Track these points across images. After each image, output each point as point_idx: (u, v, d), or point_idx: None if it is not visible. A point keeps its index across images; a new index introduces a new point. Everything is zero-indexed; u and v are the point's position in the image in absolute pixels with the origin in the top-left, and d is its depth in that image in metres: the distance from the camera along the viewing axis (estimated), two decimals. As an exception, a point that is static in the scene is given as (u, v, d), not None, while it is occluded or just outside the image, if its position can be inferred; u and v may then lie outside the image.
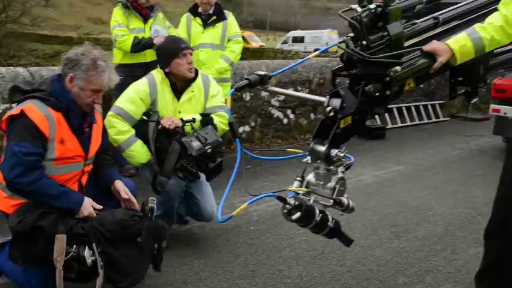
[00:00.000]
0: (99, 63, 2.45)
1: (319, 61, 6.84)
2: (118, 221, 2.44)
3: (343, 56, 2.15)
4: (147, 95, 3.16)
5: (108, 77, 2.49)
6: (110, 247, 2.40)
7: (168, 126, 3.06)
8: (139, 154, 3.13)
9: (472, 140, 7.05)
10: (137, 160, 3.16)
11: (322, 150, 2.05)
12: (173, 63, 3.18)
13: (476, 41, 2.19)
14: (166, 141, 3.07)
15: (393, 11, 2.12)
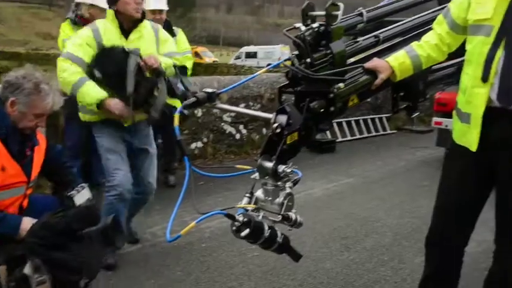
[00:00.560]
0: (42, 86, 2.38)
1: (270, 77, 6.94)
2: (42, 225, 2.34)
3: (288, 73, 2.20)
4: (91, 39, 3.17)
5: (52, 100, 2.43)
6: (50, 252, 2.30)
7: (151, 64, 3.10)
8: (91, 93, 3.05)
9: (417, 151, 7.33)
10: (89, 100, 3.06)
11: (269, 166, 2.07)
12: (120, 1, 3.19)
13: (414, 58, 2.30)
14: (142, 78, 3.12)
15: (335, 30, 2.19)
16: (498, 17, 2.06)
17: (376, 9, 2.62)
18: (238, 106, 6.58)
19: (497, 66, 2.05)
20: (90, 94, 3.06)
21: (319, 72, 2.11)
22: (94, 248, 2.48)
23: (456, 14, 2.26)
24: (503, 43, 2.04)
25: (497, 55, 2.04)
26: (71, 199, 2.51)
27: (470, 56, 2.18)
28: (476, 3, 2.14)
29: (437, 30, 2.34)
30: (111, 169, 3.20)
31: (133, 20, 3.26)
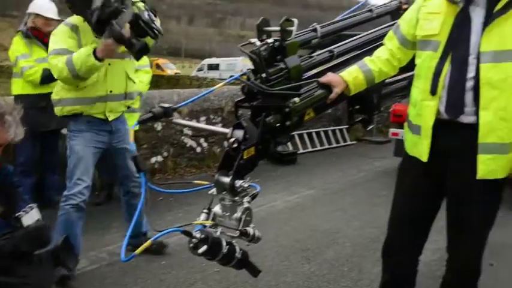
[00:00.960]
0: (6, 118, 2.29)
1: (231, 89, 6.95)
2: None
3: (244, 88, 2.21)
4: (70, 31, 3.16)
5: (14, 132, 2.34)
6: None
7: None
8: (82, 53, 2.99)
9: (376, 161, 7.48)
10: (84, 57, 2.97)
11: (226, 181, 2.08)
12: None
13: (366, 73, 2.36)
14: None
15: (290, 45, 2.22)
16: (444, 33, 2.14)
17: (330, 25, 2.68)
18: (199, 119, 6.55)
19: (444, 80, 2.12)
20: (81, 54, 3.00)
21: (275, 87, 2.13)
22: (44, 270, 2.40)
23: (405, 30, 2.33)
24: (449, 58, 2.11)
25: (445, 69, 2.12)
26: (18, 220, 2.42)
27: (419, 71, 2.26)
28: (424, 20, 2.22)
29: (388, 45, 2.41)
30: (75, 177, 3.14)
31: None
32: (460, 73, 2.09)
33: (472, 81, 2.07)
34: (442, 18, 2.16)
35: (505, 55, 2.03)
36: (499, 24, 2.03)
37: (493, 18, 2.04)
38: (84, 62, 2.98)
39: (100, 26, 2.90)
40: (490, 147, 2.07)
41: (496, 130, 2.06)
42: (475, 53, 2.06)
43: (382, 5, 3.18)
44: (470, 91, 2.08)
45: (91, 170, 3.24)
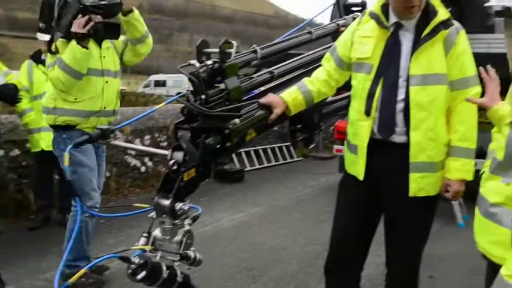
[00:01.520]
0: None
1: (176, 107, 6.89)
2: None
3: (184, 109, 2.19)
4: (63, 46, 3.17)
5: None
6: None
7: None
8: (68, 49, 3.05)
9: (321, 177, 7.61)
10: (72, 47, 3.04)
11: (166, 204, 2.04)
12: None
13: (305, 93, 2.41)
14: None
15: (230, 67, 2.23)
16: (377, 57, 2.23)
17: (270, 46, 2.72)
18: (144, 138, 6.44)
19: (377, 102, 2.21)
20: (67, 48, 3.06)
21: (215, 108, 2.13)
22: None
23: (341, 52, 2.41)
24: (381, 80, 2.20)
25: (377, 91, 2.21)
26: None
27: (355, 92, 2.34)
28: (358, 43, 2.31)
29: (325, 66, 2.48)
30: (89, 189, 3.22)
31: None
32: (391, 95, 2.18)
33: (402, 103, 2.16)
34: (374, 42, 2.25)
35: (433, 78, 2.14)
36: (426, 48, 2.15)
37: (421, 43, 2.15)
38: (73, 53, 3.05)
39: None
40: (421, 166, 2.17)
41: (425, 150, 2.16)
42: (405, 76, 2.16)
43: (321, 27, 3.28)
44: (400, 112, 2.17)
45: (96, 176, 3.36)
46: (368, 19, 2.33)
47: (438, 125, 2.18)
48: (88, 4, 2.99)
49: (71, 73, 3.10)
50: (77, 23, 2.98)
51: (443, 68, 2.16)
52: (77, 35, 3.00)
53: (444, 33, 2.17)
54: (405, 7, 2.17)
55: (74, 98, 3.20)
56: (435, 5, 2.23)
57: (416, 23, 2.22)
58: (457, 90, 2.20)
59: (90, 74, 3.21)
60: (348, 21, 3.30)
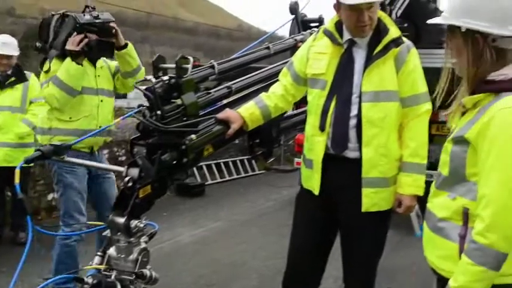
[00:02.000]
0: None
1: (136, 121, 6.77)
2: None
3: (139, 125, 2.17)
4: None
5: None
6: None
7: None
8: (62, 66, 3.07)
9: (283, 190, 7.65)
10: (66, 65, 3.06)
11: (121, 222, 2.00)
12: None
13: (262, 108, 2.42)
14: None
15: (186, 82, 2.22)
16: (331, 73, 2.28)
17: (228, 62, 2.73)
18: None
19: (331, 117, 2.25)
20: (62, 65, 3.07)
21: (171, 124, 2.11)
22: None
23: (298, 68, 2.45)
24: (335, 96, 2.25)
25: (331, 107, 2.25)
26: None
27: (310, 107, 2.37)
28: (313, 59, 2.35)
29: (282, 81, 2.51)
30: (74, 211, 3.20)
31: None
32: (344, 111, 2.23)
33: (355, 119, 2.21)
34: (328, 59, 2.30)
35: (384, 95, 2.20)
36: (378, 66, 2.21)
37: (373, 60, 2.21)
38: (68, 70, 3.07)
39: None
40: (373, 182, 2.21)
41: (377, 165, 2.20)
42: (358, 93, 2.22)
43: (279, 42, 3.32)
44: (353, 128, 2.22)
45: (85, 200, 3.32)
46: (322, 36, 2.38)
47: (390, 141, 2.23)
48: (83, 22, 3.05)
49: (65, 89, 3.11)
50: (71, 40, 3.04)
51: (394, 85, 2.23)
52: (71, 52, 3.05)
53: (395, 51, 2.24)
54: (357, 25, 2.23)
55: (69, 117, 3.20)
56: (387, 23, 2.30)
57: (368, 41, 2.28)
58: (408, 106, 2.26)
59: (85, 93, 3.22)
60: (305, 37, 3.35)
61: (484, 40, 1.44)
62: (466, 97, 1.48)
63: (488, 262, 1.36)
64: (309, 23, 4.04)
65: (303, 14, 4.27)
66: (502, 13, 1.41)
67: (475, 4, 1.45)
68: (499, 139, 1.36)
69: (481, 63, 1.45)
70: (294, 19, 4.96)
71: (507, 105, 1.38)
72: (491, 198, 1.37)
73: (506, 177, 1.35)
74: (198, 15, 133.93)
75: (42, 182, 5.46)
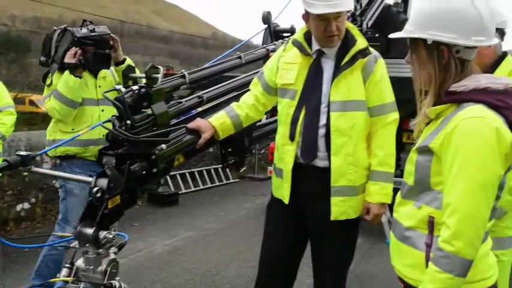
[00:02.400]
0: None
1: (108, 130, 6.69)
2: None
3: (108, 135, 2.15)
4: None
5: None
6: None
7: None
8: (62, 79, 3.18)
9: (256, 199, 7.65)
10: (66, 78, 3.18)
11: (90, 233, 1.97)
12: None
13: (233, 118, 2.43)
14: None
15: (156, 92, 2.22)
16: (300, 83, 2.31)
17: (199, 71, 2.73)
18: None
19: (301, 127, 2.28)
20: (62, 79, 3.19)
21: (141, 134, 2.10)
22: None
23: (268, 77, 2.47)
24: (304, 106, 2.28)
25: (301, 117, 2.28)
26: None
27: (280, 117, 2.40)
28: (283, 69, 2.38)
29: (253, 91, 2.53)
30: (73, 218, 3.15)
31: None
32: (313, 121, 2.26)
33: (324, 128, 2.24)
34: (297, 69, 2.33)
35: (352, 105, 2.24)
36: (345, 76, 2.25)
37: (341, 70, 2.25)
38: (66, 82, 3.17)
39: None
40: (342, 190, 2.24)
41: (346, 174, 2.24)
42: (326, 102, 2.25)
43: (251, 52, 3.34)
44: (322, 138, 2.25)
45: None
46: (292, 46, 2.41)
47: (358, 150, 2.27)
48: (79, 36, 3.20)
49: (65, 102, 3.21)
50: (69, 54, 3.17)
51: (362, 95, 2.27)
52: (69, 65, 3.18)
53: (362, 61, 2.28)
54: (325, 35, 2.26)
55: (71, 128, 3.29)
56: (354, 34, 2.35)
57: (337, 51, 2.32)
58: (376, 116, 2.31)
59: (85, 104, 3.31)
60: (277, 47, 3.38)
61: (449, 51, 1.47)
62: (430, 108, 1.52)
63: (455, 269, 1.38)
64: (281, 33, 4.08)
65: (275, 24, 4.32)
66: (467, 24, 1.45)
67: (440, 16, 1.48)
68: (462, 148, 1.39)
69: (446, 75, 1.49)
70: (268, 28, 5.01)
71: (469, 115, 1.42)
72: (456, 206, 1.39)
73: (470, 186, 1.38)
74: (174, 24, 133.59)
75: (10, 192, 5.34)
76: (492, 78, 1.48)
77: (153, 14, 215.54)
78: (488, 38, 1.46)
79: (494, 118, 1.40)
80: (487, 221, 1.42)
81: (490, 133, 1.37)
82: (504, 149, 1.39)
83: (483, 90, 1.44)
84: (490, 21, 1.46)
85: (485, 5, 1.46)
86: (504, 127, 1.40)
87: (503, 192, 1.49)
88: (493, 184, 1.39)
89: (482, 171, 1.38)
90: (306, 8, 2.29)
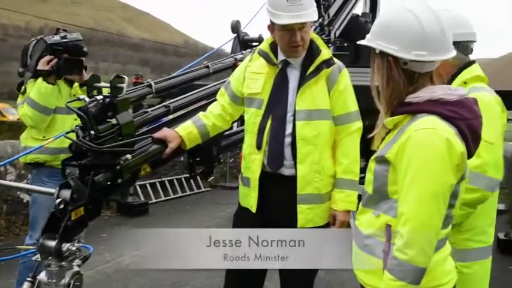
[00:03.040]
0: None
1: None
2: None
3: (71, 146, 2.12)
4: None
5: None
6: None
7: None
8: (35, 86, 3.20)
9: (228, 208, 7.63)
10: (38, 85, 3.20)
11: (52, 245, 1.94)
12: None
13: (200, 127, 2.43)
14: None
15: (121, 102, 2.19)
16: (266, 92, 2.34)
17: (166, 80, 2.73)
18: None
19: (267, 136, 2.30)
20: (35, 86, 3.20)
21: (106, 144, 2.08)
22: None
23: (235, 87, 2.49)
24: (271, 115, 2.30)
25: (267, 126, 2.30)
26: None
27: (247, 126, 2.41)
28: (249, 79, 2.40)
29: (220, 101, 2.54)
30: (38, 228, 3.08)
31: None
32: (280, 129, 2.28)
33: (290, 137, 2.27)
34: (264, 78, 2.35)
35: (317, 113, 2.28)
36: (310, 85, 2.29)
37: (306, 80, 2.29)
38: (39, 89, 3.19)
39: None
40: (308, 198, 2.27)
41: (312, 182, 2.27)
42: (292, 111, 2.28)
43: (219, 61, 3.35)
44: (288, 146, 2.28)
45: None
46: (258, 56, 2.44)
47: (323, 158, 2.30)
48: (51, 43, 3.24)
49: (38, 108, 3.23)
50: (42, 61, 3.21)
51: (326, 104, 2.31)
52: (42, 72, 3.21)
53: (327, 71, 2.33)
54: (289, 45, 2.30)
55: (43, 136, 3.30)
56: (319, 44, 2.39)
57: (302, 61, 2.36)
58: (340, 125, 2.35)
59: (57, 113, 3.32)
60: (245, 56, 3.41)
61: (395, 62, 1.52)
62: (388, 118, 1.56)
63: (408, 277, 1.41)
64: (250, 42, 4.11)
65: (244, 33, 4.35)
66: (408, 38, 1.48)
67: (388, 27, 1.53)
68: (414, 159, 1.43)
69: (394, 86, 1.53)
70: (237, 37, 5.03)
71: (421, 126, 1.45)
72: (408, 215, 1.43)
73: (422, 196, 1.42)
74: (145, 32, 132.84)
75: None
76: (447, 90, 1.51)
77: (124, 22, 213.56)
78: (431, 52, 1.48)
79: (445, 129, 1.44)
80: (439, 229, 1.45)
81: (441, 144, 1.41)
82: (455, 160, 1.42)
83: (437, 101, 1.48)
84: (436, 36, 1.48)
85: (434, 20, 1.48)
86: (455, 138, 1.44)
87: (457, 202, 1.53)
88: (444, 194, 1.43)
89: (434, 182, 1.41)
90: (271, 19, 2.32)
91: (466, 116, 1.48)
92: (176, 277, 4.40)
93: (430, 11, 1.50)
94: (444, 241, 1.54)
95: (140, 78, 7.36)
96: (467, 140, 1.48)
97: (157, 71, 42.03)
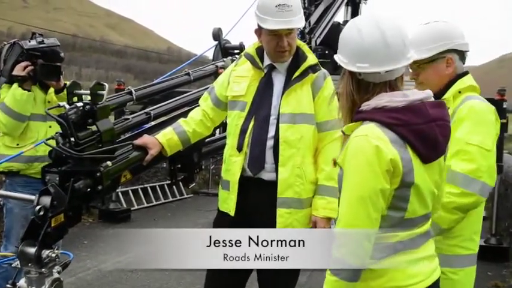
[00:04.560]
0: None
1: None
2: None
3: (51, 153, 2.13)
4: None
5: None
6: None
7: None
8: (10, 92, 3.10)
9: (211, 214, 7.59)
10: (14, 91, 3.09)
11: (32, 252, 1.94)
12: None
13: (180, 134, 2.45)
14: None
15: (102, 109, 2.21)
16: (250, 95, 2.37)
17: (147, 88, 2.75)
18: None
19: (249, 138, 2.33)
20: (10, 92, 3.09)
21: (86, 151, 2.09)
22: None
23: (219, 92, 2.51)
24: (254, 117, 2.34)
25: (249, 128, 2.34)
26: None
27: (230, 129, 2.44)
28: (234, 82, 2.44)
29: (202, 106, 2.56)
30: (15, 240, 2.98)
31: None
32: (262, 132, 2.32)
33: (272, 140, 2.31)
34: (248, 81, 2.39)
35: (300, 117, 2.32)
36: (295, 89, 2.33)
37: (291, 84, 2.33)
38: (14, 95, 3.09)
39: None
40: (288, 202, 2.29)
41: (293, 186, 2.29)
42: (276, 114, 2.32)
43: (200, 68, 3.39)
44: (270, 149, 2.31)
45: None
46: (245, 60, 2.47)
47: (305, 163, 2.32)
48: (27, 48, 3.13)
49: (12, 115, 3.12)
50: (18, 67, 3.10)
51: (311, 109, 2.34)
52: (17, 78, 3.10)
53: (312, 76, 2.36)
54: (276, 50, 2.34)
55: (16, 143, 3.20)
56: (305, 51, 2.44)
57: (288, 66, 2.40)
58: (323, 131, 2.37)
59: (32, 119, 3.20)
60: (226, 63, 3.45)
61: (350, 73, 1.59)
62: (346, 125, 1.62)
63: (339, 273, 1.50)
64: (231, 49, 4.15)
65: (225, 41, 4.40)
66: (352, 51, 1.56)
67: (340, 42, 1.62)
68: (349, 164, 1.51)
69: (349, 94, 1.60)
70: (218, 45, 5.07)
71: (357, 133, 1.52)
72: (340, 217, 1.53)
73: (351, 199, 1.50)
74: (128, 38, 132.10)
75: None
76: (392, 97, 1.54)
77: (107, 28, 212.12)
78: (373, 64, 1.52)
79: (378, 136, 1.49)
80: (372, 231, 1.49)
81: (371, 151, 1.47)
82: (384, 166, 1.47)
83: (381, 108, 1.52)
84: (377, 48, 1.52)
85: (376, 33, 1.52)
86: (388, 145, 1.48)
87: (412, 204, 1.53)
88: (371, 198, 1.48)
89: (361, 186, 1.48)
90: (258, 23, 2.35)
91: (413, 121, 1.51)
92: (159, 283, 4.40)
93: (375, 25, 1.54)
94: (409, 244, 1.56)
95: (122, 85, 7.33)
96: (414, 145, 1.51)
97: (141, 78, 41.93)
